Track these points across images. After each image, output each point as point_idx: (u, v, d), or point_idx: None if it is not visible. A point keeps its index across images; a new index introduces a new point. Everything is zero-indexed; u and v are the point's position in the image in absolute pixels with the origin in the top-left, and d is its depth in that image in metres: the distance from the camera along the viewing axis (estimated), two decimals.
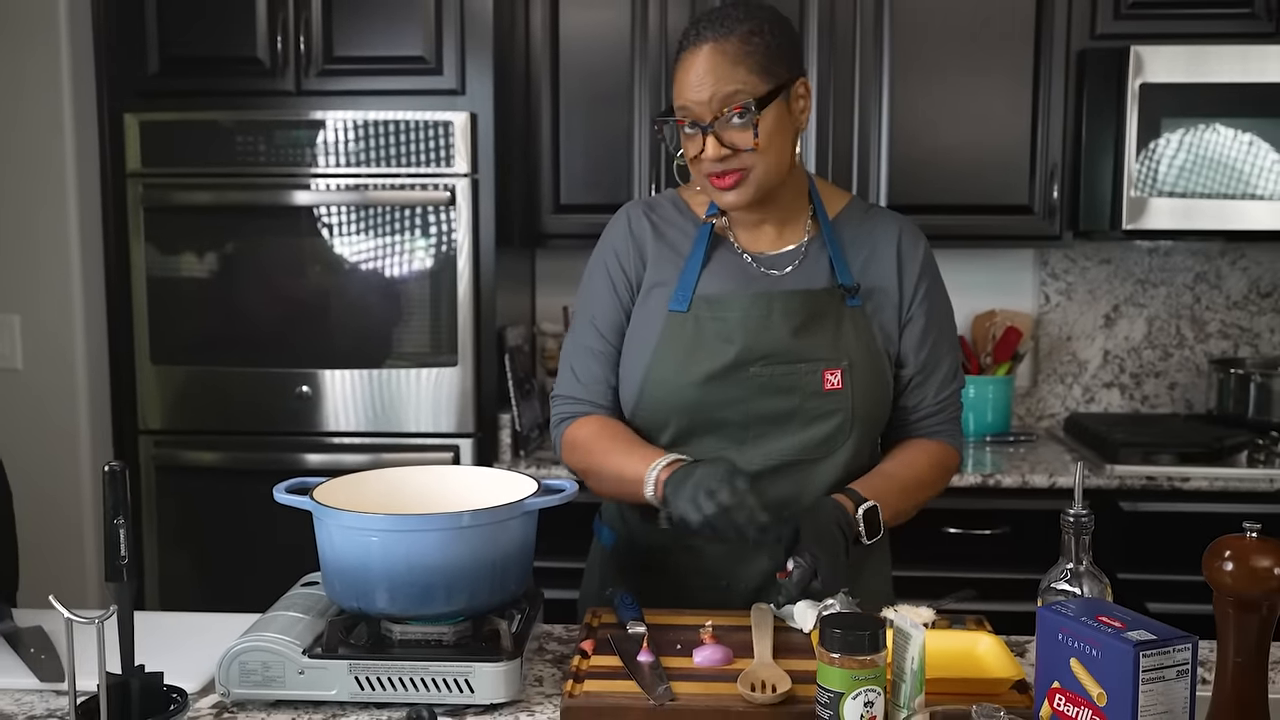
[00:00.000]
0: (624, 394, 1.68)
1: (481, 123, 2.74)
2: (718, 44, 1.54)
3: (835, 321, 1.64)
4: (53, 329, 2.82)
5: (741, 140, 1.55)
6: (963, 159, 2.93)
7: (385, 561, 1.35)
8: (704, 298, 1.64)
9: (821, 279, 1.66)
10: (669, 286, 1.66)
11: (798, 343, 1.62)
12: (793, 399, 1.61)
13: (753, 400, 1.61)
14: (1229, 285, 3.24)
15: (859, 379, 1.63)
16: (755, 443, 1.62)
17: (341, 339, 2.80)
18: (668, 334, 1.64)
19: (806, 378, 1.61)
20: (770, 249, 1.68)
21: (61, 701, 1.39)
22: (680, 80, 1.57)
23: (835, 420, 1.62)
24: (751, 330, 1.61)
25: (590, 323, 1.71)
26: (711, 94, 1.53)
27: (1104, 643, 1.08)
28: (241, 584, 2.78)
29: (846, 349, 1.63)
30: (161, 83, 2.80)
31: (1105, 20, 2.87)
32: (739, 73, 1.53)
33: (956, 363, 1.73)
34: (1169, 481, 2.67)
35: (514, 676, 1.35)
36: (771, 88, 1.55)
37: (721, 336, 1.62)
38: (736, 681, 1.32)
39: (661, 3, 2.91)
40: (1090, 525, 1.26)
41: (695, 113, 1.55)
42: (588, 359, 1.70)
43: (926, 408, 1.71)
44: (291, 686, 1.35)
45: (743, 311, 1.62)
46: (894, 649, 1.22)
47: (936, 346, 1.70)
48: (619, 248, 1.70)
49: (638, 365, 1.65)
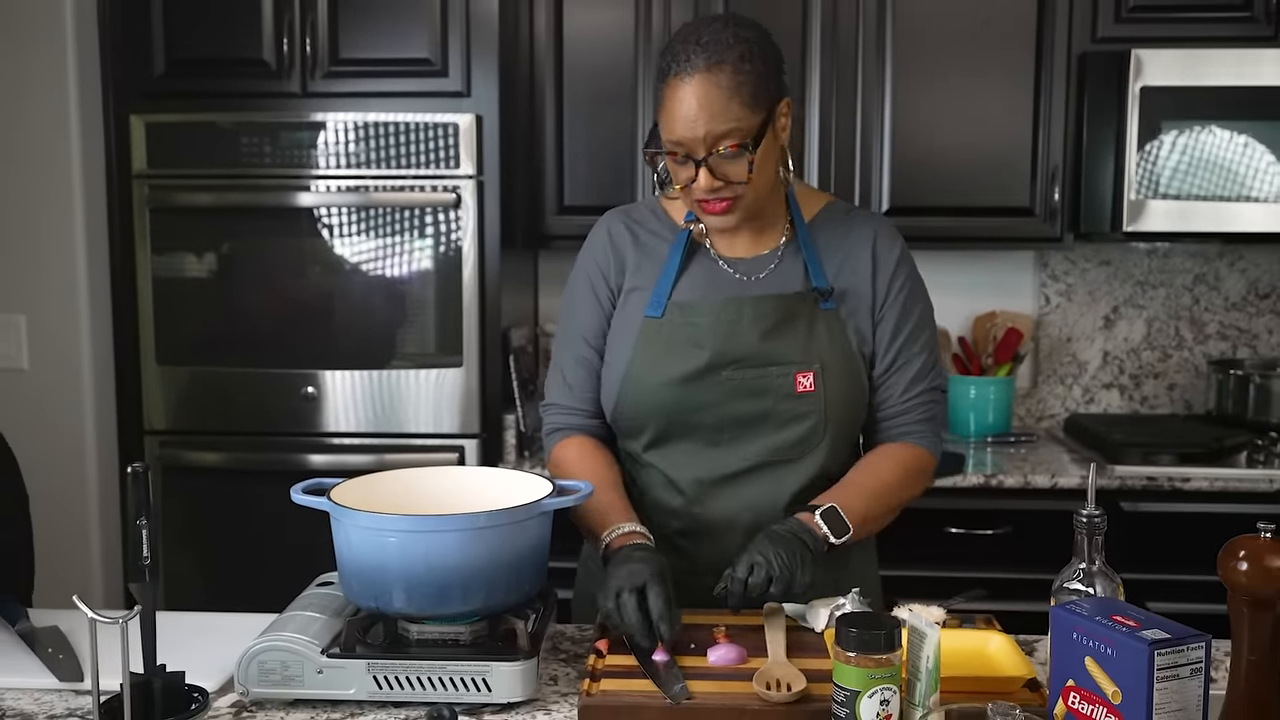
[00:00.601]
0: (604, 397, 1.72)
1: (486, 125, 2.76)
2: (710, 74, 1.52)
3: (808, 324, 1.66)
4: (58, 329, 2.82)
5: (735, 173, 1.56)
6: (964, 161, 2.95)
7: (403, 562, 1.36)
8: (678, 303, 1.67)
9: (796, 283, 1.68)
10: (646, 292, 1.69)
11: (768, 346, 1.64)
12: (765, 402, 1.64)
13: (726, 403, 1.64)
14: (1228, 287, 3.27)
15: (832, 381, 1.65)
16: (730, 445, 1.65)
17: (346, 340, 2.81)
18: (643, 339, 1.67)
19: (778, 381, 1.63)
20: (746, 254, 1.70)
21: (81, 701, 1.40)
22: (671, 111, 1.55)
23: (809, 422, 1.65)
24: (722, 335, 1.64)
25: (576, 331, 1.74)
26: (706, 132, 1.53)
27: (1119, 641, 1.09)
28: (246, 584, 2.79)
29: (819, 352, 1.65)
30: (167, 84, 2.81)
31: (1106, 23, 2.89)
32: (732, 108, 1.52)
33: (930, 363, 1.72)
34: (1169, 482, 2.69)
35: (531, 675, 1.36)
36: (763, 118, 1.56)
37: (693, 341, 1.64)
38: (752, 680, 1.34)
39: (665, 4, 2.93)
40: (1103, 526, 1.28)
41: (688, 147, 1.55)
42: (575, 367, 1.74)
43: (893, 406, 1.71)
44: (310, 686, 1.36)
45: (713, 316, 1.65)
46: (909, 648, 1.24)
47: (907, 346, 1.70)
48: (599, 257, 1.74)
49: (616, 369, 1.69)
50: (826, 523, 1.55)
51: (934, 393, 1.73)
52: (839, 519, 1.56)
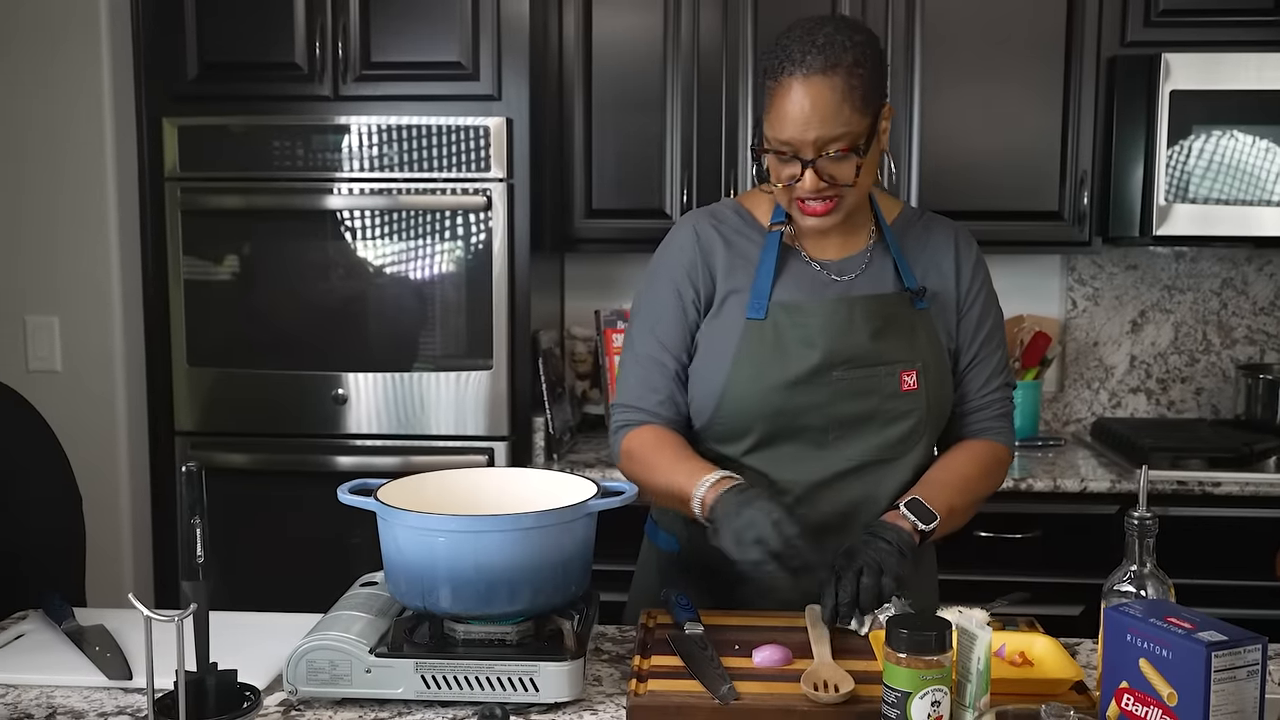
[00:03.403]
0: (699, 404, 1.68)
1: (517, 128, 2.76)
2: (826, 77, 1.51)
3: (909, 324, 1.67)
4: (91, 331, 2.84)
5: (842, 175, 1.57)
6: (993, 165, 2.94)
7: (451, 561, 1.37)
8: (781, 304, 1.65)
9: (888, 283, 1.69)
10: (743, 295, 1.67)
11: (877, 346, 1.64)
12: (872, 401, 1.64)
13: (834, 404, 1.63)
14: (1255, 291, 3.26)
15: (932, 380, 1.67)
16: (835, 445, 1.65)
17: (375, 342, 2.82)
18: (747, 341, 1.64)
19: (885, 380, 1.64)
20: (836, 255, 1.71)
21: (130, 699, 1.41)
22: (781, 110, 1.54)
23: (911, 420, 1.66)
24: (833, 335, 1.63)
25: (652, 333, 1.70)
26: (817, 135, 1.53)
27: (1175, 643, 1.09)
28: (274, 585, 2.80)
29: (920, 350, 1.67)
30: (200, 88, 2.82)
31: (1135, 28, 2.89)
32: (844, 112, 1.52)
33: (1004, 362, 1.77)
34: (1200, 486, 2.68)
35: (578, 676, 1.37)
36: (870, 122, 1.56)
37: (804, 342, 1.63)
38: (800, 681, 1.34)
39: (694, 8, 2.93)
40: (1154, 529, 1.27)
41: (796, 147, 1.55)
42: (649, 369, 1.70)
43: (971, 401, 1.74)
44: (358, 685, 1.37)
45: (824, 317, 1.64)
46: (959, 649, 1.24)
47: (986, 343, 1.74)
48: (686, 260, 1.70)
49: (716, 374, 1.66)
50: (913, 512, 1.57)
51: (1008, 389, 1.76)
52: (924, 508, 1.57)
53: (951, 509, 1.62)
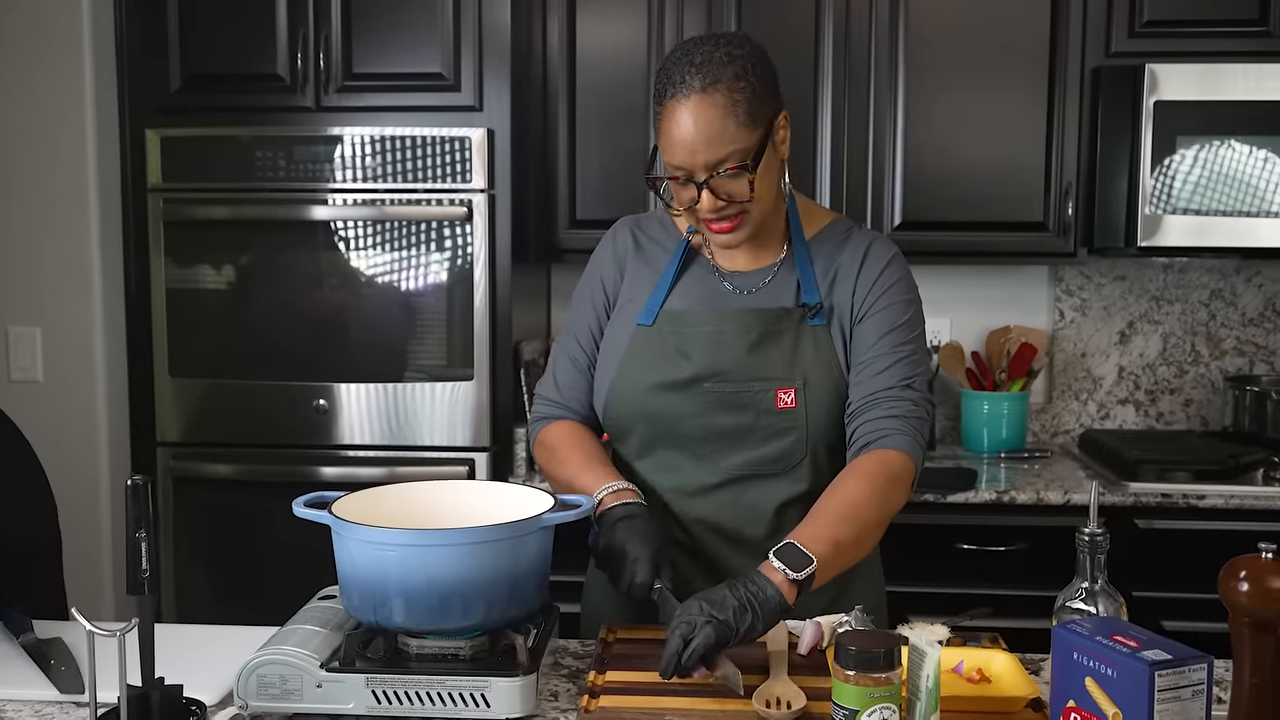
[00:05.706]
0: (596, 401, 1.75)
1: (499, 139, 2.76)
2: (705, 95, 1.51)
3: (793, 340, 1.64)
4: (73, 342, 2.84)
5: (738, 192, 1.56)
6: (977, 176, 2.93)
7: (403, 575, 1.36)
8: (669, 313, 1.68)
9: (787, 298, 1.67)
10: (641, 301, 1.71)
11: (751, 360, 1.63)
12: (746, 416, 1.63)
13: (707, 415, 1.64)
14: (1244, 302, 3.24)
15: (814, 398, 1.62)
16: (712, 456, 1.66)
17: (358, 353, 2.82)
18: (633, 346, 1.69)
19: (759, 396, 1.63)
20: (745, 267, 1.71)
21: (82, 713, 1.40)
22: (669, 135, 1.54)
23: (790, 438, 1.63)
24: (707, 347, 1.64)
25: (571, 332, 1.79)
26: (705, 158, 1.53)
27: (1119, 662, 1.08)
28: (257, 596, 2.79)
29: (803, 368, 1.63)
30: (183, 99, 2.83)
31: (1120, 38, 2.88)
32: (729, 128, 1.51)
33: (911, 369, 1.63)
34: (1185, 499, 2.66)
35: (530, 691, 1.36)
36: (761, 135, 1.55)
37: (680, 352, 1.66)
38: (751, 698, 1.33)
39: (678, 18, 2.93)
40: (1105, 544, 1.26)
41: (688, 170, 1.55)
42: (566, 366, 1.78)
43: (858, 404, 1.62)
44: (309, 700, 1.36)
45: (698, 328, 1.66)
46: (909, 666, 1.23)
47: (887, 348, 1.63)
48: (603, 264, 1.78)
49: (606, 374, 1.72)
50: (784, 561, 1.41)
51: (907, 391, 1.61)
52: (798, 554, 1.42)
53: (837, 544, 1.47)
